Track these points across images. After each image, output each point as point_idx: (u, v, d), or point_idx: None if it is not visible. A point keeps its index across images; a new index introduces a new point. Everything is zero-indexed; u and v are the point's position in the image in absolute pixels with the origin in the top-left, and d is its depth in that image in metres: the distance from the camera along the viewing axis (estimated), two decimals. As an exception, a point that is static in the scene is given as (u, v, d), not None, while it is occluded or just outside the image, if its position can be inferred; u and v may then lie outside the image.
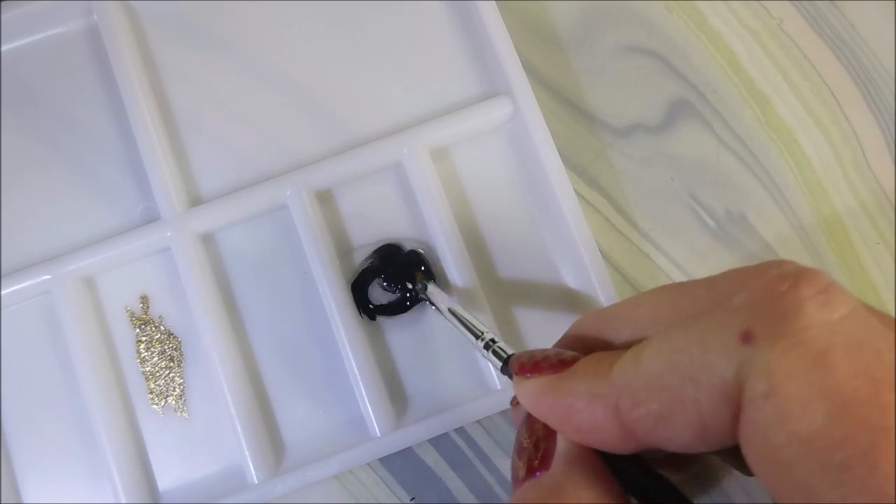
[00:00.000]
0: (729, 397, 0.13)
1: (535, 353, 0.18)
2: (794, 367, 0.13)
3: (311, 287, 0.28)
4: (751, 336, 0.13)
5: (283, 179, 0.28)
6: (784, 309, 0.13)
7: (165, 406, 0.28)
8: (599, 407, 0.16)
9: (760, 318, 0.14)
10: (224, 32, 0.31)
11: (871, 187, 0.30)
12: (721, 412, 0.14)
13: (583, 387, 0.16)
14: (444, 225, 0.28)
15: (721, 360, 0.14)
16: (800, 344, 0.13)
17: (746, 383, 0.13)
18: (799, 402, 0.12)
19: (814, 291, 0.14)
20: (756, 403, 0.13)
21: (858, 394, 0.12)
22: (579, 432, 0.16)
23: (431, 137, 0.29)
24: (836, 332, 0.13)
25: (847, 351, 0.13)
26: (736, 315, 0.14)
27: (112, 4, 0.30)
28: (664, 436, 0.15)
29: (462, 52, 0.30)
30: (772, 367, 0.13)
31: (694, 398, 0.14)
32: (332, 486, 0.28)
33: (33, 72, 0.31)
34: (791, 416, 0.12)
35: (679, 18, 0.31)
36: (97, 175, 0.30)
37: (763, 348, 0.13)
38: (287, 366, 0.28)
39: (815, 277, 0.14)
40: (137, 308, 0.29)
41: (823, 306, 0.13)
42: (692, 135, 0.30)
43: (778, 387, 0.13)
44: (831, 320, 0.13)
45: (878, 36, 0.31)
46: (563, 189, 0.28)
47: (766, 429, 0.13)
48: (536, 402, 0.17)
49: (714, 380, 0.14)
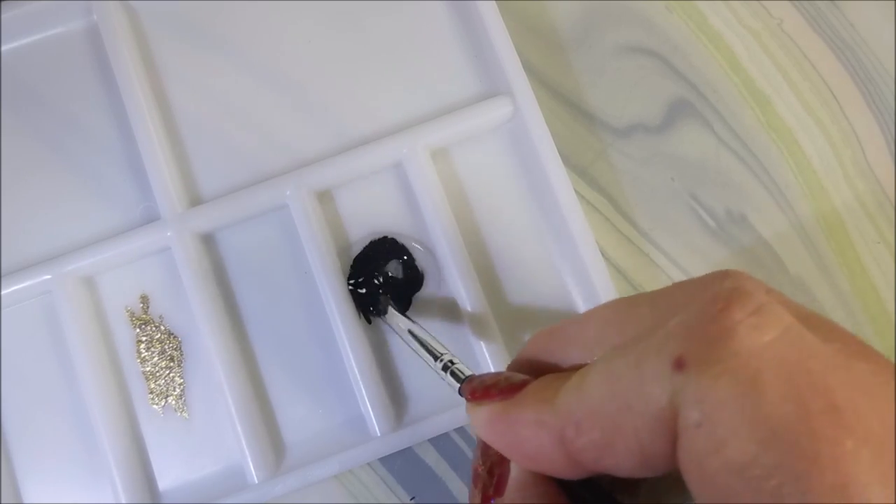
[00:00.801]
0: (665, 425, 0.13)
1: (485, 377, 0.18)
2: (724, 395, 0.13)
3: (311, 287, 0.28)
4: (683, 363, 0.13)
5: (283, 179, 0.28)
6: (715, 333, 0.13)
7: (166, 406, 0.28)
8: (545, 435, 0.15)
9: (692, 343, 0.13)
10: (224, 32, 0.31)
11: (871, 187, 0.30)
12: (659, 440, 0.14)
13: (530, 414, 0.16)
14: (443, 225, 0.28)
15: (655, 388, 0.14)
16: (730, 370, 0.13)
17: (680, 412, 0.13)
18: (730, 430, 0.12)
19: (745, 314, 0.13)
20: (689, 432, 0.13)
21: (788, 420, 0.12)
22: (529, 460, 0.16)
23: (431, 137, 0.29)
24: (766, 356, 0.13)
25: (777, 375, 0.13)
26: (669, 340, 0.14)
27: (112, 4, 0.30)
28: (609, 464, 0.15)
29: (462, 52, 0.30)
30: (702, 395, 0.13)
31: (633, 427, 0.14)
32: (333, 485, 0.28)
33: (33, 72, 0.31)
34: (723, 445, 0.12)
35: (679, 18, 0.31)
36: (97, 175, 0.30)
37: (694, 376, 0.13)
38: (287, 366, 0.28)
39: (747, 298, 0.14)
40: (137, 308, 0.29)
41: (754, 330, 0.13)
42: (692, 135, 0.30)
43: (709, 416, 0.13)
44: (762, 344, 0.13)
45: (878, 36, 0.31)
46: (564, 189, 0.28)
47: (700, 457, 0.13)
48: (486, 429, 0.17)
49: (650, 408, 0.14)
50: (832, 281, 0.29)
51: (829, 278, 0.29)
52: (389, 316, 0.27)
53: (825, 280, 0.29)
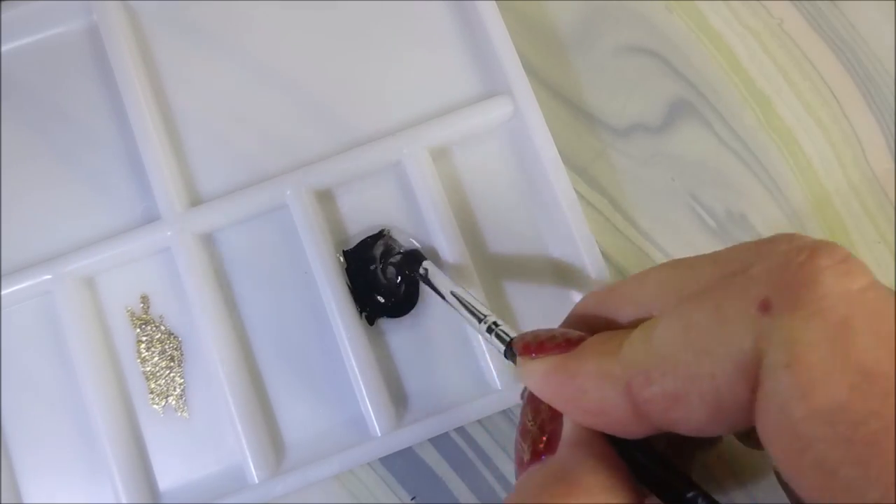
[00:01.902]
0: (746, 370, 0.13)
1: (539, 332, 0.17)
2: (815, 337, 0.12)
3: (311, 287, 0.28)
4: (769, 305, 0.13)
5: (283, 179, 0.28)
6: (803, 278, 0.13)
7: (166, 406, 0.28)
8: (610, 387, 0.15)
9: (779, 287, 0.13)
10: (224, 32, 0.31)
11: (871, 187, 0.30)
12: (738, 387, 0.13)
13: (592, 366, 0.15)
14: (444, 225, 0.28)
15: (738, 330, 0.13)
16: (820, 313, 0.12)
17: (765, 354, 0.13)
18: (821, 372, 0.12)
19: (832, 262, 0.13)
20: (776, 374, 0.12)
21: (882, 366, 0.12)
22: (589, 415, 0.16)
23: (431, 137, 0.29)
24: (856, 303, 0.12)
25: (868, 321, 0.12)
26: (753, 285, 0.13)
27: (112, 4, 0.30)
28: (679, 416, 0.14)
29: (462, 51, 0.30)
30: (792, 336, 0.12)
31: (710, 373, 0.13)
32: (333, 485, 0.28)
33: (33, 72, 0.31)
34: (813, 389, 0.12)
35: (679, 18, 0.31)
36: (97, 175, 0.30)
37: (782, 317, 0.13)
38: (287, 365, 0.28)
39: (832, 248, 0.13)
40: (138, 308, 0.29)
41: (843, 276, 0.13)
42: (692, 135, 0.30)
43: (799, 357, 0.12)
44: (851, 290, 0.13)
45: (879, 36, 0.31)
46: (564, 189, 0.28)
47: (785, 402, 0.12)
48: (543, 383, 0.16)
49: (731, 352, 0.13)
50: (832, 281, 0.29)
51: (830, 278, 0.29)
52: (431, 274, 0.26)
53: (825, 280, 0.29)
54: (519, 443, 0.17)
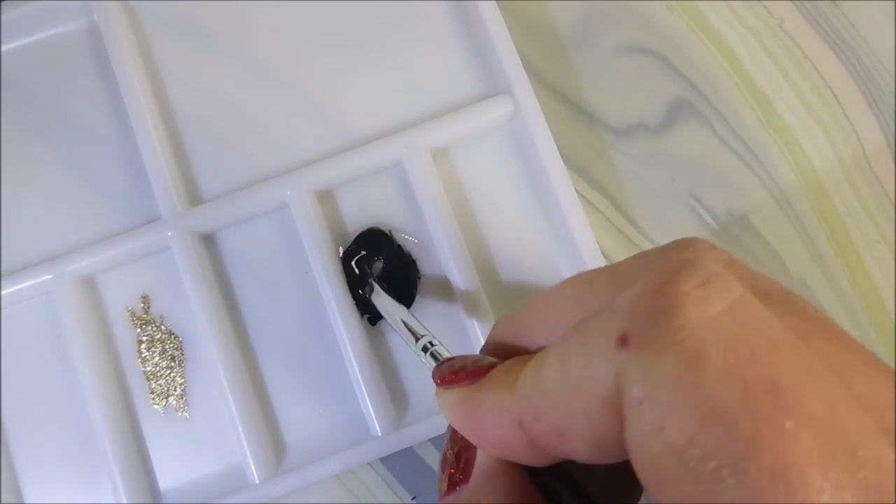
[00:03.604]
0: (612, 407, 0.13)
1: (454, 361, 0.18)
2: (665, 372, 0.12)
3: (311, 287, 0.28)
4: (626, 340, 0.13)
5: (283, 179, 0.28)
6: (660, 308, 0.13)
7: (166, 406, 0.28)
8: (506, 422, 0.15)
9: (637, 319, 0.13)
10: (224, 32, 0.31)
11: (871, 187, 0.30)
12: (609, 423, 0.13)
13: (492, 400, 0.16)
14: (444, 224, 0.28)
15: (601, 367, 0.13)
16: (672, 346, 0.12)
17: (623, 391, 0.12)
18: (671, 409, 0.12)
19: (692, 286, 0.13)
20: (632, 412, 0.12)
21: (728, 399, 0.11)
22: (493, 446, 0.16)
23: (431, 137, 0.29)
24: (710, 331, 0.12)
25: (720, 352, 0.12)
26: (614, 317, 0.13)
27: (112, 4, 0.30)
28: (567, 450, 0.14)
29: (462, 52, 0.30)
30: (644, 373, 0.12)
31: (583, 409, 0.13)
32: (333, 485, 0.28)
33: (33, 72, 0.31)
34: (664, 426, 0.12)
35: (679, 18, 0.31)
36: (97, 175, 0.30)
37: (637, 352, 0.12)
38: (288, 365, 0.28)
39: (695, 269, 0.13)
40: (138, 308, 0.29)
41: (700, 302, 0.12)
42: (693, 134, 0.30)
43: (650, 394, 0.12)
44: (707, 318, 0.12)
45: (879, 36, 0.31)
46: (564, 189, 0.28)
47: (643, 438, 0.12)
48: (452, 413, 0.17)
49: (597, 389, 0.13)
50: (833, 281, 0.29)
51: (830, 278, 0.29)
52: (376, 295, 0.27)
53: (826, 280, 0.29)
54: (439, 472, 0.17)
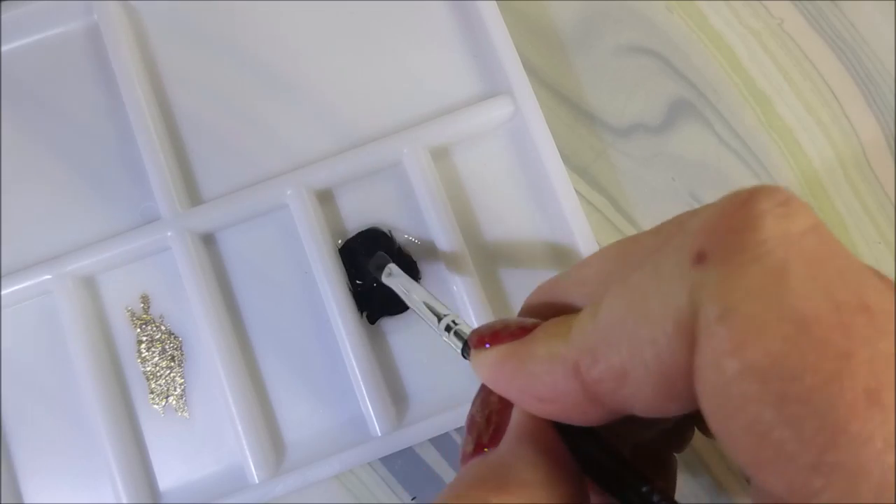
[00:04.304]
0: (684, 329, 0.12)
1: (494, 323, 0.17)
2: (749, 285, 0.11)
3: (311, 287, 0.28)
4: (704, 256, 0.12)
5: (283, 179, 0.28)
6: (739, 224, 0.12)
7: (166, 406, 0.28)
8: (559, 369, 0.14)
9: (714, 236, 0.12)
10: (224, 32, 0.31)
11: (871, 187, 0.30)
12: (678, 349, 0.12)
13: (542, 350, 0.15)
14: (444, 225, 0.28)
15: (673, 288, 0.12)
16: (756, 259, 0.11)
17: (700, 310, 0.11)
18: (755, 324, 0.11)
19: (772, 204, 0.12)
20: (709, 329, 0.11)
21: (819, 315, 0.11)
22: (540, 401, 0.15)
23: (431, 137, 0.29)
24: (795, 247, 0.11)
25: (807, 266, 0.11)
26: (688, 238, 0.12)
27: (112, 4, 0.30)
28: (628, 393, 0.13)
29: (462, 52, 0.30)
30: (726, 286, 0.11)
31: (651, 338, 0.12)
32: (333, 485, 0.28)
33: (33, 72, 0.31)
34: (745, 342, 0.11)
35: (679, 18, 0.31)
36: (97, 175, 0.30)
37: (717, 267, 0.11)
38: (288, 365, 0.28)
39: (772, 190, 0.12)
40: (138, 308, 0.29)
41: (783, 219, 0.12)
42: (693, 135, 0.30)
43: (732, 308, 0.11)
44: (791, 233, 0.11)
45: (879, 35, 0.31)
46: (564, 189, 0.28)
47: (717, 358, 0.11)
48: (493, 371, 0.16)
49: (668, 311, 0.12)
50: (832, 281, 0.29)
51: (830, 278, 0.29)
52: (390, 275, 0.26)
53: (825, 280, 0.29)
54: (465, 437, 0.16)
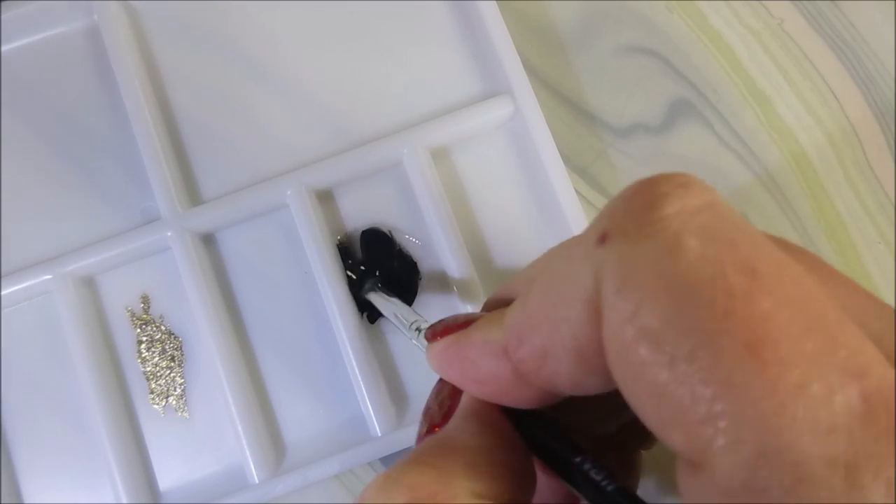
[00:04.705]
0: (591, 307, 0.13)
1: (446, 318, 0.18)
2: (644, 258, 0.12)
3: (311, 287, 0.28)
4: (606, 236, 0.13)
5: (284, 179, 0.28)
6: (639, 205, 0.13)
7: (166, 406, 0.28)
8: (490, 353, 0.15)
9: (616, 217, 0.13)
10: (224, 32, 0.31)
11: (871, 187, 0.30)
12: (588, 326, 0.13)
13: (478, 336, 0.16)
14: (444, 225, 0.28)
15: (580, 269, 0.13)
16: (652, 235, 0.12)
17: (602, 284, 0.12)
18: (646, 292, 0.12)
19: (672, 186, 0.13)
20: (609, 302, 0.12)
21: (705, 279, 0.11)
22: (478, 384, 0.16)
23: (431, 137, 0.29)
24: (690, 222, 0.12)
25: (699, 239, 0.12)
26: (596, 222, 0.13)
27: (112, 4, 0.30)
28: (551, 371, 0.14)
29: (462, 52, 0.30)
30: (623, 260, 0.12)
31: (564, 318, 0.13)
32: (333, 485, 0.28)
33: (33, 72, 0.31)
34: (639, 310, 0.12)
35: (679, 18, 0.31)
36: (97, 175, 0.30)
37: (617, 245, 0.12)
38: (288, 365, 0.28)
39: (674, 175, 0.13)
40: (138, 308, 0.29)
41: (680, 198, 0.12)
42: (693, 135, 0.30)
43: (626, 280, 0.12)
44: (688, 208, 0.12)
45: (879, 35, 0.31)
46: (564, 189, 0.28)
47: (618, 328, 0.12)
48: (439, 359, 0.17)
49: (577, 291, 0.13)
50: (832, 281, 0.29)
51: (830, 278, 0.29)
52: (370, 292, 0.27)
53: (825, 280, 0.29)
54: (420, 422, 0.18)
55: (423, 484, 0.14)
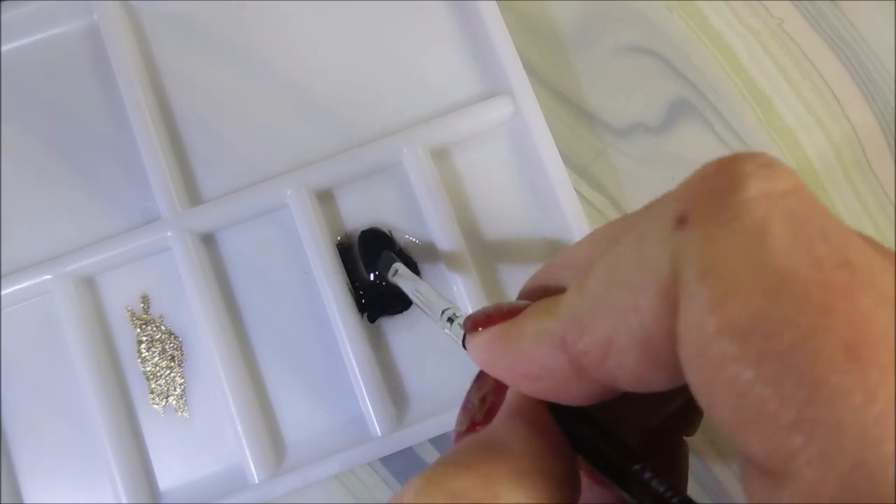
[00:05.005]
0: (666, 293, 0.12)
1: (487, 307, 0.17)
2: (729, 243, 0.11)
3: (311, 287, 0.28)
4: (685, 220, 0.12)
5: (283, 179, 0.28)
6: (720, 186, 0.12)
7: (166, 406, 0.28)
8: (547, 344, 0.14)
9: (696, 199, 0.12)
10: (224, 33, 0.31)
11: (871, 187, 0.30)
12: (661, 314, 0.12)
13: (531, 327, 0.15)
14: (444, 225, 0.28)
15: (655, 252, 0.12)
16: (737, 219, 0.11)
17: (681, 271, 0.11)
18: (734, 281, 0.11)
19: (754, 167, 0.12)
20: (689, 290, 0.11)
21: (799, 269, 0.10)
22: (529, 379, 0.15)
23: (431, 137, 0.29)
24: (777, 206, 0.11)
25: (789, 224, 0.11)
26: (670, 203, 0.12)
27: (112, 4, 0.30)
28: (614, 364, 0.13)
29: (462, 52, 0.30)
30: (706, 246, 0.11)
31: (634, 305, 0.12)
32: (333, 485, 0.28)
33: (33, 72, 0.31)
34: (725, 299, 0.11)
35: (679, 18, 0.31)
36: (97, 175, 0.30)
37: (698, 229, 0.11)
38: (288, 365, 0.28)
39: (755, 155, 0.12)
40: (138, 308, 0.29)
41: (764, 180, 0.12)
42: (693, 135, 0.30)
43: (711, 266, 0.11)
44: (773, 193, 0.11)
45: (879, 35, 0.31)
46: (564, 189, 0.28)
47: (698, 318, 0.11)
48: (485, 352, 0.16)
49: (650, 276, 0.12)
50: (832, 281, 0.29)
51: (830, 278, 0.29)
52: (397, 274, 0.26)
53: (825, 280, 0.29)
54: (459, 417, 0.17)
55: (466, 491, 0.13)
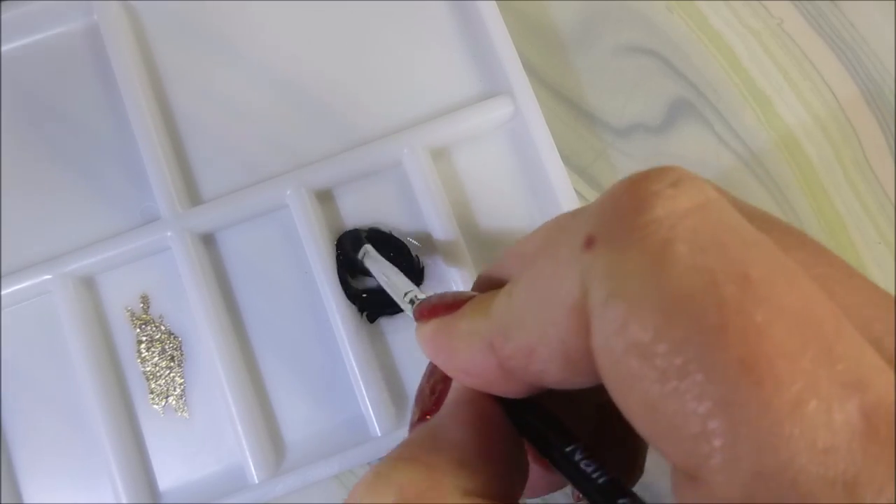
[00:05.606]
0: (579, 313, 0.12)
1: (432, 297, 0.17)
2: (631, 267, 0.11)
3: (311, 287, 0.28)
4: (593, 241, 0.12)
5: (283, 179, 0.28)
6: (628, 207, 0.12)
7: (166, 406, 0.28)
8: (477, 346, 0.15)
9: (603, 220, 0.12)
10: (224, 33, 0.31)
11: (871, 187, 0.30)
12: (576, 333, 0.12)
13: (464, 326, 0.15)
14: (444, 225, 0.28)
15: (567, 274, 0.12)
16: (640, 240, 0.11)
17: (589, 293, 0.12)
18: (635, 304, 0.11)
19: (663, 185, 0.12)
20: (597, 312, 0.12)
21: (695, 290, 0.11)
22: (465, 374, 0.15)
23: (431, 137, 0.29)
24: (679, 226, 0.11)
25: (689, 244, 0.11)
26: (582, 223, 0.13)
27: (112, 4, 0.30)
28: (538, 369, 0.13)
29: (462, 52, 0.30)
30: (610, 269, 0.12)
31: (551, 321, 0.13)
32: (333, 485, 0.28)
33: (33, 72, 0.31)
34: (628, 322, 0.11)
35: (679, 18, 0.31)
36: (97, 175, 0.30)
37: (604, 252, 0.12)
38: (287, 365, 0.28)
39: (666, 171, 0.12)
40: (138, 308, 0.29)
41: (670, 199, 0.12)
42: (692, 135, 0.30)
43: (615, 289, 0.11)
44: (675, 213, 0.12)
45: (879, 35, 0.31)
46: (564, 189, 0.28)
47: (607, 340, 0.11)
48: (428, 344, 0.16)
49: (563, 296, 0.12)
50: (832, 281, 0.29)
51: (830, 278, 0.29)
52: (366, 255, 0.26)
53: (825, 280, 0.29)
54: (413, 407, 0.17)
55: (412, 483, 0.13)
